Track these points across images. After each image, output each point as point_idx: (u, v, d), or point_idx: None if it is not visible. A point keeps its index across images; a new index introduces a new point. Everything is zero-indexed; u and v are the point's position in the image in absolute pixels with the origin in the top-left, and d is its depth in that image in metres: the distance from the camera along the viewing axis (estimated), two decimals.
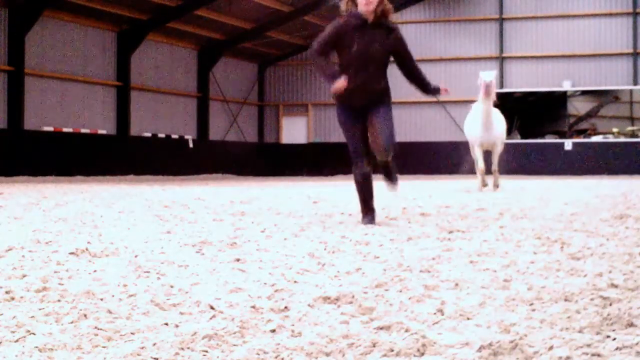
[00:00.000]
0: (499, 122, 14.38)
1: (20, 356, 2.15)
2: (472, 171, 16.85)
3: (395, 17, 6.89)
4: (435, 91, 7.03)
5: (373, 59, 6.59)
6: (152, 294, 3.12)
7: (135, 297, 3.04)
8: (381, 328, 2.51)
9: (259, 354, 2.20)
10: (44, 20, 21.87)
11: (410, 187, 16.19)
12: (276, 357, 2.18)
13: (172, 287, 3.29)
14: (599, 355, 2.18)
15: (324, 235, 5.62)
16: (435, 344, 2.29)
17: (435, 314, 2.76)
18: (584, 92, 28.81)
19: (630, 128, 28.34)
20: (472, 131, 14.42)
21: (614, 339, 2.33)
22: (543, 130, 28.92)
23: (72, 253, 4.39)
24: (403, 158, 30.54)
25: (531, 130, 28.80)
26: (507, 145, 17.94)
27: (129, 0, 23.54)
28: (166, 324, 2.57)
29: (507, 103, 26.56)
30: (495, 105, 14.35)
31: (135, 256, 4.33)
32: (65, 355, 2.18)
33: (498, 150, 14.32)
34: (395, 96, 7.19)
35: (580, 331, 2.47)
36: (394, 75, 6.99)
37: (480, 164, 14.18)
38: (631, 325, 2.53)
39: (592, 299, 2.95)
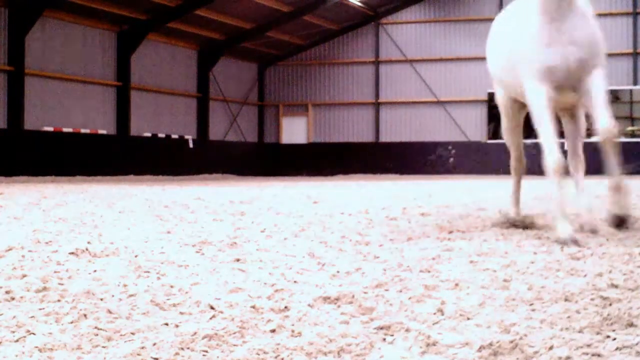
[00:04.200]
0: (588, 24, 5.79)
1: (20, 356, 2.15)
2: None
3: (395, 17, 6.61)
4: None
5: None
6: (152, 294, 3.12)
7: (135, 297, 3.04)
8: (381, 328, 2.51)
9: (259, 354, 2.20)
10: (44, 20, 21.87)
11: (410, 187, 16.19)
12: (276, 357, 2.18)
13: (172, 287, 3.29)
14: (599, 355, 2.18)
15: (324, 235, 5.61)
16: (435, 344, 2.29)
17: (435, 314, 2.76)
18: None
19: (630, 128, 28.33)
20: (527, 51, 5.81)
21: (614, 339, 2.33)
22: None
23: (72, 253, 4.39)
24: (403, 158, 30.73)
25: (531, 130, 28.83)
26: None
27: (128, 0, 23.55)
28: (166, 324, 2.57)
29: None
30: None
31: (135, 256, 4.33)
32: (65, 355, 2.18)
33: (597, 92, 5.74)
34: (395, 96, 7.17)
35: (580, 331, 2.47)
36: (394, 74, 6.96)
37: (551, 145, 6.12)
38: (631, 325, 2.53)
39: (592, 299, 2.95)
